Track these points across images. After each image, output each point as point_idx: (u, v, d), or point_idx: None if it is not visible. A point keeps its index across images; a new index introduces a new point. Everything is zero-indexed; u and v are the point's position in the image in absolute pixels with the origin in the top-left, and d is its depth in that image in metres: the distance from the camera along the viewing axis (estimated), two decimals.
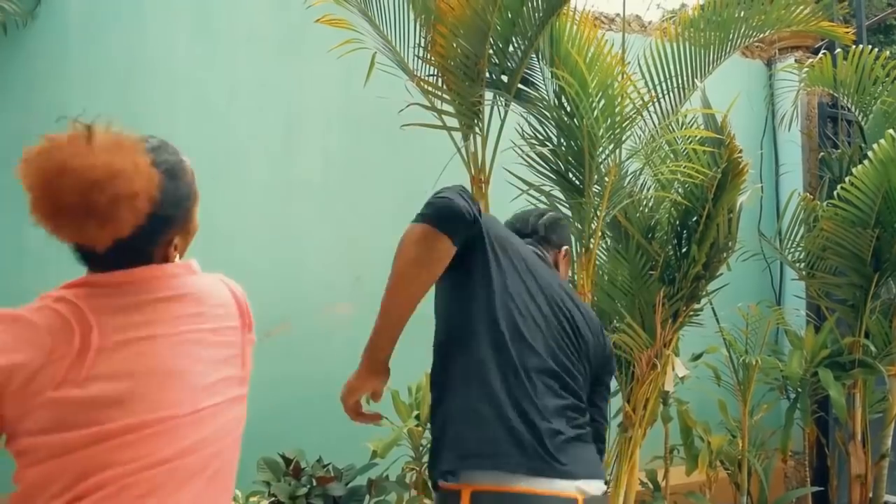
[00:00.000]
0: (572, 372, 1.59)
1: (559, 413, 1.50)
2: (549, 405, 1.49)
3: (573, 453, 1.48)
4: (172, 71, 3.27)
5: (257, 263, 3.36)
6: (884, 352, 3.84)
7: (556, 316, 1.62)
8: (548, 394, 1.50)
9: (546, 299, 1.61)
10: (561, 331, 1.61)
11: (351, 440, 3.04)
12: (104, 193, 1.05)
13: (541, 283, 1.63)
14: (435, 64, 2.90)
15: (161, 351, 1.13)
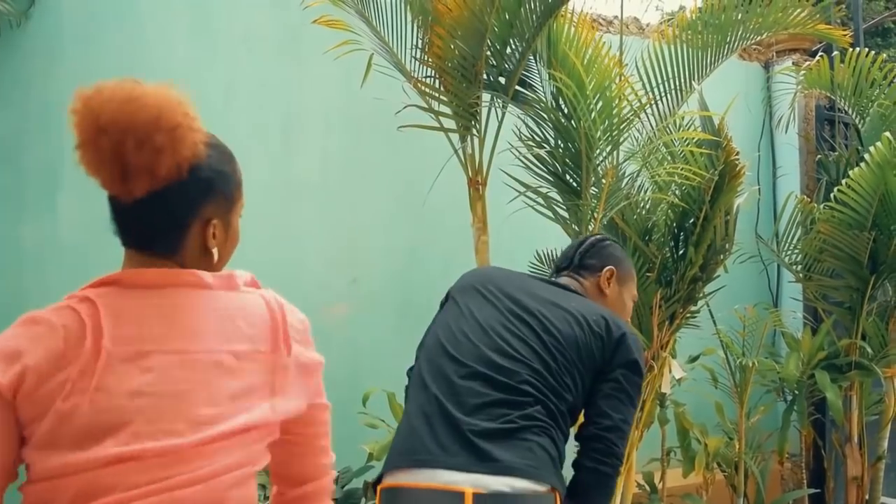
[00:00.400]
0: (509, 369, 1.59)
1: (480, 409, 1.53)
2: (470, 403, 1.54)
3: (486, 448, 1.47)
4: (169, 71, 3.24)
5: (255, 264, 3.29)
6: (880, 354, 3.85)
7: (509, 323, 1.68)
8: (470, 393, 1.55)
9: (499, 312, 1.71)
10: (510, 334, 1.65)
11: (347, 442, 3.02)
12: (150, 122, 1.03)
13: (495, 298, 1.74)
14: (432, 65, 2.90)
15: (172, 370, 1.06)
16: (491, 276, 1.86)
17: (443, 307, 1.85)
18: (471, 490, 1.41)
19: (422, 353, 1.75)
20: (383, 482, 1.57)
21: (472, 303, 1.75)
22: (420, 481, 1.46)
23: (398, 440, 1.62)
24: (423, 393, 1.61)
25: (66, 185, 3.06)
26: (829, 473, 4.08)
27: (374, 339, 3.49)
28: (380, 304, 3.53)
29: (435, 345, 1.70)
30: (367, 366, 3.44)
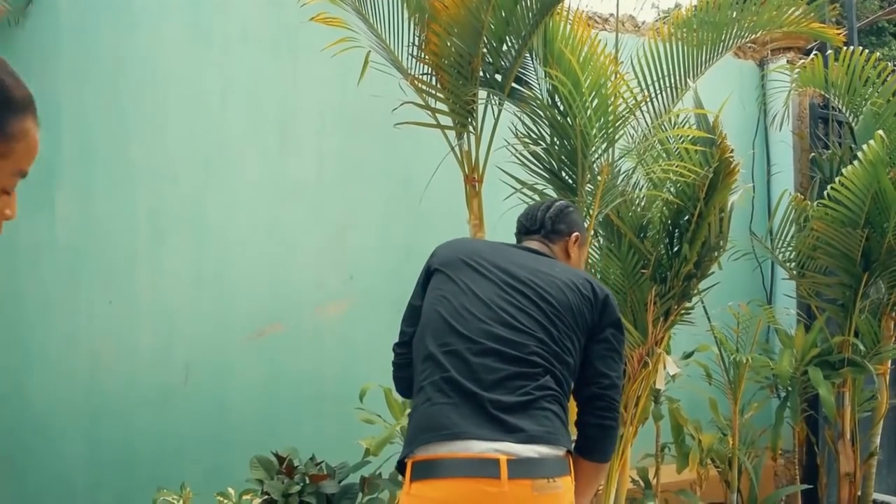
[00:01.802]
0: (518, 342, 1.68)
1: (499, 384, 1.62)
2: (487, 379, 1.62)
3: (509, 420, 1.57)
4: (165, 69, 3.26)
5: (250, 263, 3.36)
6: (873, 351, 3.87)
7: (507, 295, 1.74)
8: (485, 370, 1.63)
9: (495, 285, 1.76)
10: (511, 307, 1.72)
11: (344, 438, 3.06)
12: None
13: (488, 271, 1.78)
14: (429, 63, 2.91)
15: None
16: (474, 248, 1.90)
17: (428, 280, 1.86)
18: (504, 457, 1.52)
19: (426, 330, 1.75)
20: (414, 456, 1.61)
21: (466, 277, 1.78)
22: (456, 451, 1.54)
23: (421, 418, 1.64)
24: (439, 372, 1.65)
25: (63, 183, 3.07)
26: (821, 469, 4.10)
27: (369, 335, 3.50)
28: (375, 301, 3.53)
29: (438, 321, 1.73)
30: (362, 362, 3.45)
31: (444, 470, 1.55)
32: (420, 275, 1.91)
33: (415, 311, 1.85)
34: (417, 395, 1.69)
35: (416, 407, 1.68)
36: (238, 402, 3.30)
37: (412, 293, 1.91)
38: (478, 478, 1.52)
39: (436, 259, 1.88)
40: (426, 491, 1.56)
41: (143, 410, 3.15)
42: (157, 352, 3.20)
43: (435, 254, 1.91)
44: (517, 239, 2.08)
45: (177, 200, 3.24)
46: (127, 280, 3.16)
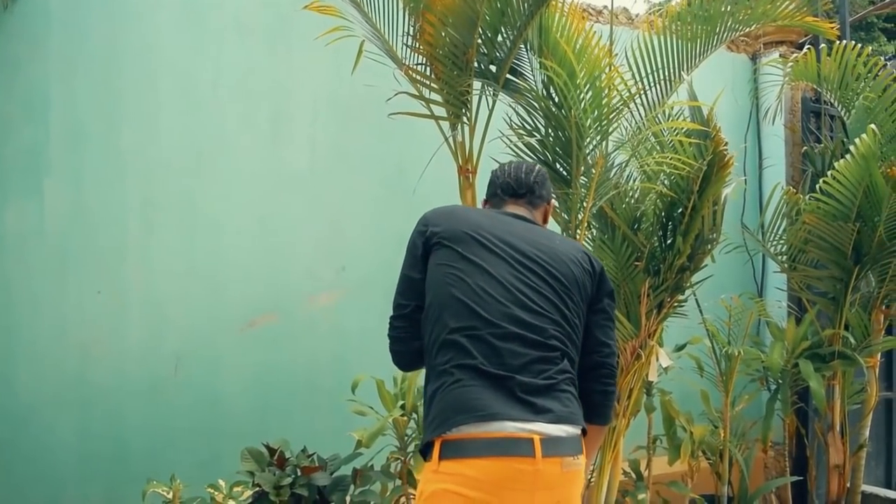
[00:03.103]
0: (537, 325, 1.71)
1: (523, 368, 1.66)
2: (513, 364, 1.66)
3: (536, 401, 1.63)
4: (157, 57, 3.23)
5: (243, 253, 3.33)
6: (862, 344, 3.89)
7: (521, 275, 1.76)
8: (511, 355, 1.66)
9: (508, 264, 1.76)
10: (527, 287, 1.74)
11: (335, 430, 3.04)
12: None
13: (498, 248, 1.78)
14: (423, 53, 2.89)
15: None
16: (476, 220, 1.86)
17: (427, 251, 1.82)
18: (537, 436, 1.59)
19: (443, 311, 1.72)
20: (445, 436, 1.62)
21: (476, 255, 1.77)
22: (491, 431, 1.59)
23: (452, 400, 1.64)
24: (465, 356, 1.67)
25: (51, 170, 3.03)
26: (811, 461, 4.13)
27: (362, 326, 3.49)
28: (368, 292, 3.52)
29: (456, 303, 1.71)
30: (355, 353, 3.44)
31: (480, 449, 1.59)
32: (413, 244, 1.86)
33: (413, 285, 1.82)
34: (440, 378, 1.68)
35: (442, 389, 1.66)
36: (229, 394, 3.28)
37: (405, 263, 1.87)
38: (513, 456, 1.58)
39: (436, 230, 1.83)
40: (461, 469, 1.59)
41: (133, 402, 3.12)
42: (147, 343, 3.17)
43: (430, 222, 1.85)
44: (497, 200, 2.02)
45: (168, 190, 3.21)
46: (117, 270, 3.12)
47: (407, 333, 1.83)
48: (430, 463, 1.65)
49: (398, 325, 1.86)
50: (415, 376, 2.93)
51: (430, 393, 1.70)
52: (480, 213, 1.95)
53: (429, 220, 1.87)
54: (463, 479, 1.58)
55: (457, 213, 1.90)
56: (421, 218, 1.90)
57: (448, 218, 1.86)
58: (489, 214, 1.93)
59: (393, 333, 1.87)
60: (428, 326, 1.76)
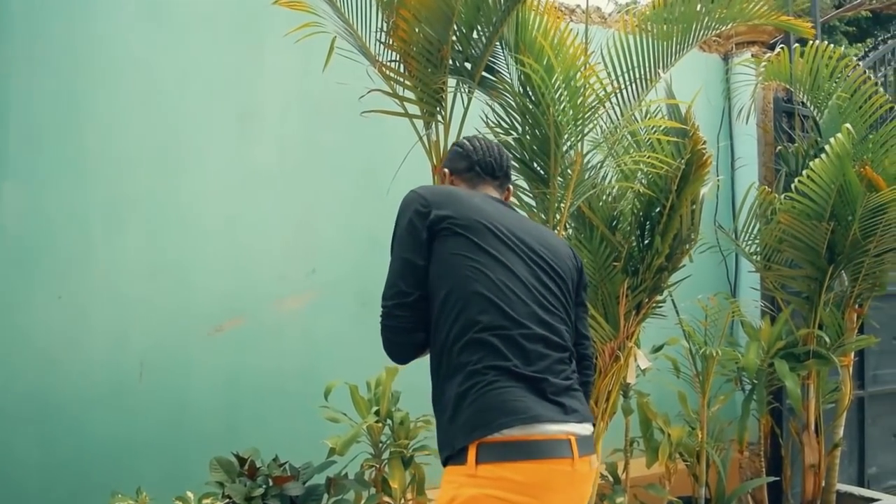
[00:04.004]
0: (555, 326, 1.70)
1: (549, 370, 1.64)
2: (540, 365, 1.63)
3: (565, 402, 1.63)
4: (120, 54, 3.12)
5: (209, 254, 3.24)
6: (836, 343, 3.90)
7: (536, 273, 1.73)
8: (538, 356, 1.64)
9: (524, 262, 1.72)
10: (543, 287, 1.72)
11: (308, 437, 2.97)
12: None
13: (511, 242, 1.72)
14: (397, 49, 2.82)
15: None
16: (483, 209, 1.75)
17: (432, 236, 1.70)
18: (573, 437, 1.60)
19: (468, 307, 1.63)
20: (485, 439, 1.55)
21: (495, 248, 1.69)
22: (533, 434, 1.56)
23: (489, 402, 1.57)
24: (496, 357, 1.61)
25: (10, 171, 2.91)
26: (786, 461, 4.14)
27: (333, 331, 3.42)
28: (339, 295, 3.45)
29: (481, 300, 1.64)
30: (326, 358, 3.38)
31: (525, 452, 1.55)
32: (413, 225, 1.71)
33: (416, 271, 1.69)
34: (470, 378, 1.59)
35: (475, 390, 1.58)
36: (197, 401, 3.18)
37: (402, 245, 1.72)
38: (556, 458, 1.56)
39: (442, 213, 1.70)
40: (503, 472, 1.54)
41: (97, 410, 3.01)
42: (110, 349, 3.06)
43: (431, 203, 1.72)
44: (472, 177, 1.93)
45: (132, 190, 3.11)
46: (78, 273, 3.01)
47: (411, 324, 1.70)
48: (462, 467, 1.56)
49: (400, 314, 1.70)
50: (389, 381, 2.86)
51: (458, 393, 1.60)
52: (481, 199, 1.82)
53: (429, 201, 1.72)
54: (507, 484, 1.53)
55: (459, 196, 1.77)
56: (414, 196, 1.75)
57: (452, 201, 1.74)
58: (489, 202, 1.82)
59: (393, 323, 1.72)
60: (445, 320, 1.65)
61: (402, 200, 1.78)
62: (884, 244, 3.70)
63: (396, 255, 1.73)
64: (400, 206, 1.78)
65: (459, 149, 1.99)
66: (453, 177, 1.96)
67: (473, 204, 1.76)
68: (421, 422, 2.87)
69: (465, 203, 1.75)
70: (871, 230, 3.60)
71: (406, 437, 2.82)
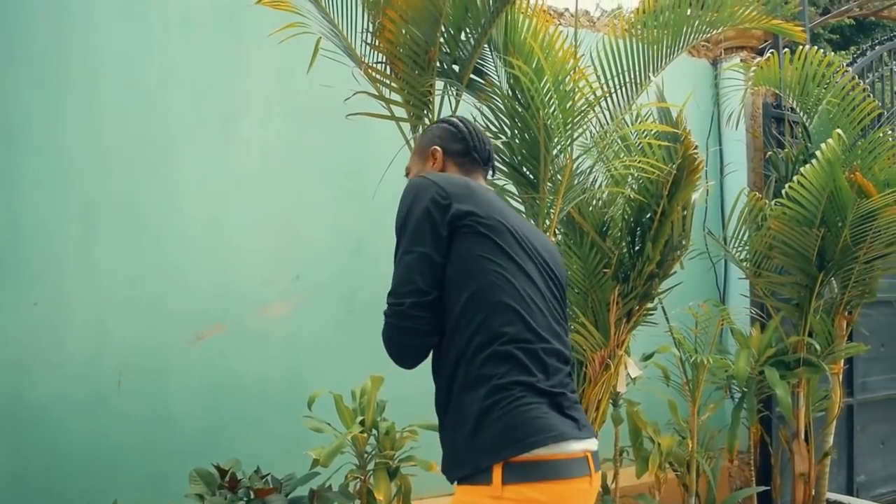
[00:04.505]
0: (564, 339, 1.64)
1: (563, 384, 1.58)
2: (557, 379, 1.56)
3: (577, 418, 1.57)
4: (99, 54, 3.04)
5: (189, 260, 3.16)
6: (826, 350, 3.87)
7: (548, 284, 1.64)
8: (555, 371, 1.57)
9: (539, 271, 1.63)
10: (554, 299, 1.65)
11: (291, 448, 2.90)
12: None
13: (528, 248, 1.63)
14: (383, 51, 2.76)
15: None
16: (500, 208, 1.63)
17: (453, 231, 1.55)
18: (589, 453, 1.54)
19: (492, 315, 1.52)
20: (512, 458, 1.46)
21: (516, 252, 1.58)
22: (562, 452, 1.49)
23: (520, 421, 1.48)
24: (521, 372, 1.52)
25: None
26: (775, 470, 4.10)
27: (317, 338, 3.36)
28: (324, 301, 3.39)
29: (506, 308, 1.53)
30: (310, 366, 3.32)
31: (553, 471, 1.48)
32: (431, 217, 1.55)
33: (435, 269, 1.55)
34: (495, 393, 1.49)
35: (501, 406, 1.48)
36: (177, 410, 3.10)
37: (421, 239, 1.55)
38: (579, 477, 1.51)
39: (465, 208, 1.56)
40: (531, 493, 1.45)
41: (73, 419, 2.93)
42: (88, 356, 2.98)
43: (451, 195, 1.56)
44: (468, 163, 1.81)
45: (111, 193, 3.03)
46: (55, 279, 2.93)
47: (428, 326, 1.55)
48: (484, 487, 1.45)
49: (420, 314, 1.54)
50: (374, 390, 2.79)
51: (483, 408, 1.49)
52: (492, 194, 1.69)
53: (449, 193, 1.57)
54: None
55: (476, 190, 1.63)
56: (428, 184, 1.59)
57: (471, 195, 1.60)
58: (498, 199, 1.69)
59: (408, 324, 1.55)
60: (465, 327, 1.53)
61: (412, 186, 1.61)
62: (874, 251, 3.66)
63: (410, 247, 1.56)
64: (409, 193, 1.60)
65: (453, 128, 1.83)
66: (446, 159, 1.79)
67: (491, 200, 1.63)
68: (407, 432, 2.80)
69: (484, 199, 1.61)
70: (862, 237, 3.57)
71: (392, 448, 2.75)
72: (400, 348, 1.59)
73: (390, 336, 1.58)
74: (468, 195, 1.58)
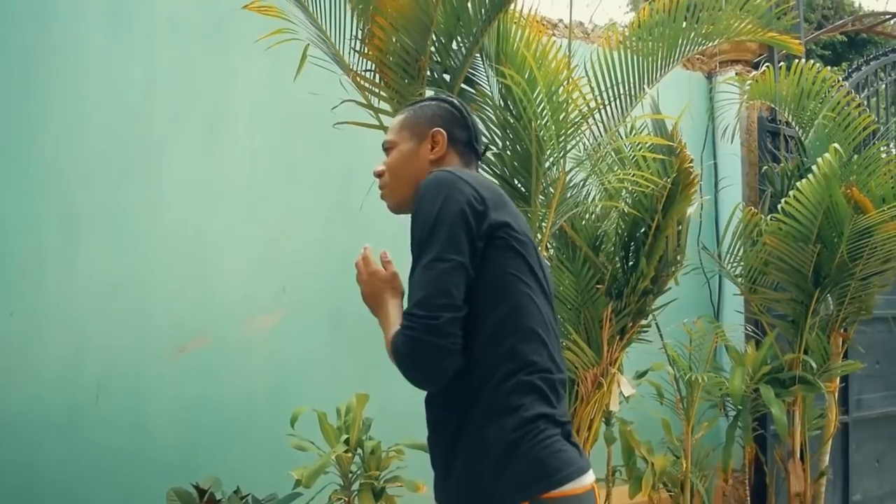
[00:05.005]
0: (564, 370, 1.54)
1: (566, 413, 1.50)
2: (563, 409, 1.49)
3: (578, 445, 1.49)
4: (81, 60, 2.98)
5: (172, 270, 3.09)
6: (822, 368, 3.81)
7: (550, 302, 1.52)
8: (561, 400, 1.49)
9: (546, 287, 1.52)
10: (557, 324, 1.54)
11: (273, 467, 2.82)
12: None
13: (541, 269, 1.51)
14: (372, 58, 2.70)
15: None
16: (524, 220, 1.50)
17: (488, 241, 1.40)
18: (594, 484, 1.47)
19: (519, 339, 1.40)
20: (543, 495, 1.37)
21: (537, 272, 1.46)
22: (582, 485, 1.43)
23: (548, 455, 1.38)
24: (547, 405, 1.43)
25: None
26: (770, 490, 4.03)
27: (303, 353, 3.29)
28: (310, 315, 3.33)
29: (533, 335, 1.42)
30: (295, 382, 3.25)
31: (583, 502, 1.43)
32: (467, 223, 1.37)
33: (468, 283, 1.38)
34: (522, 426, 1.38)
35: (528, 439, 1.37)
36: (155, 426, 3.02)
37: (455, 246, 1.36)
38: None
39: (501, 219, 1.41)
40: None
41: (49, 434, 2.85)
42: (64, 368, 2.90)
43: (487, 202, 1.40)
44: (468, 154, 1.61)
45: (91, 200, 2.96)
46: (32, 288, 2.86)
47: (460, 346, 1.37)
48: None
49: (454, 331, 1.35)
50: (360, 407, 2.72)
51: (510, 441, 1.37)
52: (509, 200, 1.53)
53: (485, 199, 1.40)
54: None
55: (508, 200, 1.47)
56: (460, 184, 1.40)
57: (504, 203, 1.45)
58: None
59: (444, 343, 1.34)
60: (491, 351, 1.39)
61: (440, 182, 1.42)
62: (870, 267, 3.62)
63: (444, 254, 1.36)
64: (437, 189, 1.41)
65: (457, 112, 1.62)
66: (448, 147, 1.58)
67: (517, 214, 1.47)
68: (393, 451, 2.73)
69: (514, 209, 1.46)
70: (858, 253, 3.53)
71: (377, 468, 2.67)
72: (428, 369, 1.39)
73: (417, 355, 1.37)
74: (502, 204, 1.44)
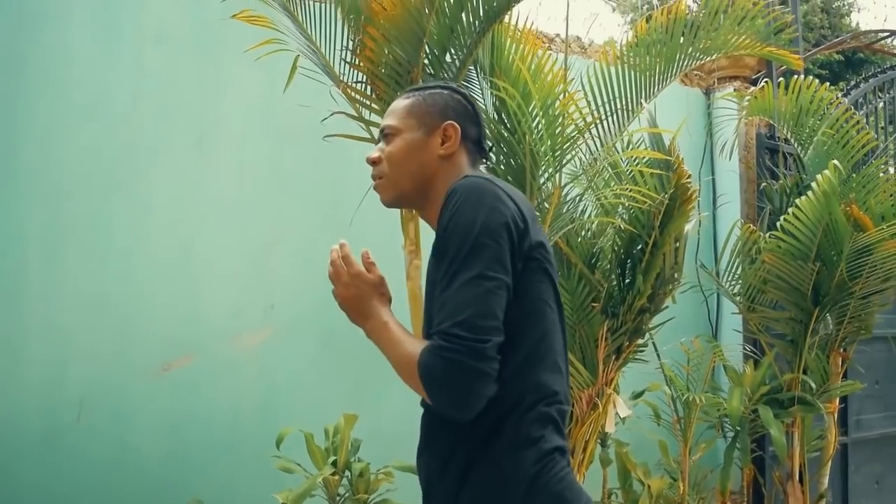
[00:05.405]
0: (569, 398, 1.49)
1: None
2: None
3: None
4: (68, 71, 2.94)
5: (157, 285, 3.04)
6: (821, 388, 3.75)
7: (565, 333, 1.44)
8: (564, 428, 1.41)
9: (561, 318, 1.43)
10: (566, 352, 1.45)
11: (258, 489, 2.77)
12: None
13: None
14: (364, 70, 2.65)
15: None
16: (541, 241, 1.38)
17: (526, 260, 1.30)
18: None
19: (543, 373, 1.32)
20: None
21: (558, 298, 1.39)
22: None
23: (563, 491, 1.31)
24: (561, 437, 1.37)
25: None
26: None
27: (292, 371, 3.23)
28: (299, 332, 3.27)
29: (553, 365, 1.35)
30: (283, 401, 3.19)
31: None
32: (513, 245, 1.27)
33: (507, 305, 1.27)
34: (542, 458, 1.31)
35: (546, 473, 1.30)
36: (139, 446, 2.95)
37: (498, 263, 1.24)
38: None
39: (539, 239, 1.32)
40: None
41: (29, 452, 2.79)
42: (46, 385, 2.84)
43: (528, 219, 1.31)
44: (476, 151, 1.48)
45: (75, 212, 2.92)
46: (12, 303, 2.80)
47: (497, 372, 1.27)
48: None
49: (497, 356, 1.25)
50: (348, 428, 2.64)
51: (532, 475, 1.30)
52: None
53: (525, 216, 1.30)
54: None
55: (535, 215, 1.38)
56: (503, 197, 1.29)
57: (536, 222, 1.35)
58: None
59: (487, 368, 1.23)
60: (519, 380, 1.31)
61: (479, 190, 1.30)
62: (870, 286, 3.57)
63: (488, 272, 1.24)
64: (476, 199, 1.29)
65: (469, 106, 1.49)
66: (461, 144, 1.45)
67: None
68: (382, 473, 2.65)
69: (540, 231, 1.36)
70: (858, 271, 3.48)
71: (366, 491, 2.60)
72: (466, 395, 1.26)
73: (457, 380, 1.24)
74: (535, 220, 1.34)
